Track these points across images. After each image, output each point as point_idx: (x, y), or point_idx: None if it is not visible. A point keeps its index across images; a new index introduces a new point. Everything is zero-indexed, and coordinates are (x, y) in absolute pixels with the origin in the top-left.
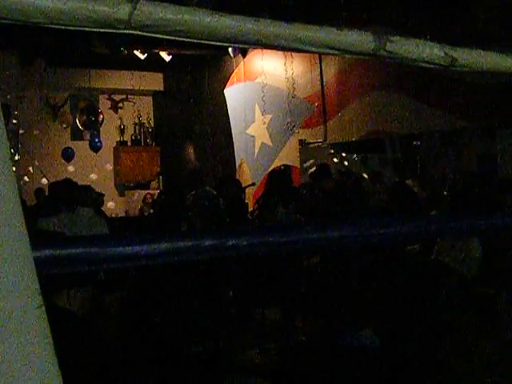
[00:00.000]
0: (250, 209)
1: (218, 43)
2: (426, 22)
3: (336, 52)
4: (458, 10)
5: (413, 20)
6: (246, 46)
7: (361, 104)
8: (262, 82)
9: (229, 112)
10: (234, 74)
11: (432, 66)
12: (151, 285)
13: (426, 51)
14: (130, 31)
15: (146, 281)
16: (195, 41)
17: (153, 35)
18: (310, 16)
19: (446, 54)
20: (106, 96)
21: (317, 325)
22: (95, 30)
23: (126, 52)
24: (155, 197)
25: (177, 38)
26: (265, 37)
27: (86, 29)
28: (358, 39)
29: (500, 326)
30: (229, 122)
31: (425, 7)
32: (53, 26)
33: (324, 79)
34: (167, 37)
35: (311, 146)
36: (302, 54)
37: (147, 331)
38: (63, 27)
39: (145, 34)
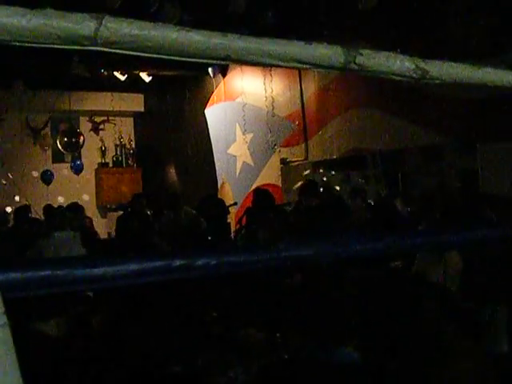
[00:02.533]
0: (233, 229)
1: (185, 59)
2: (400, 38)
3: (305, 66)
4: (432, 25)
5: (386, 35)
6: (214, 62)
7: (341, 121)
8: (242, 102)
9: (210, 132)
10: (214, 94)
11: (403, 79)
12: (130, 305)
13: (396, 64)
14: (96, 48)
15: (125, 300)
16: (162, 57)
17: (119, 51)
18: (285, 32)
19: (416, 66)
20: (87, 118)
21: (299, 342)
22: (60, 47)
23: (106, 73)
24: None
25: (143, 55)
26: (233, 52)
27: (51, 46)
28: (328, 53)
29: (483, 340)
30: (210, 142)
31: (400, 22)
32: (16, 44)
33: (304, 97)
34: (134, 53)
35: (292, 164)
36: (281, 72)
37: (125, 351)
38: (27, 44)
39: (111, 50)
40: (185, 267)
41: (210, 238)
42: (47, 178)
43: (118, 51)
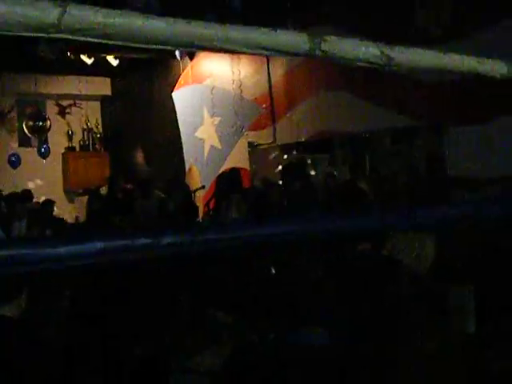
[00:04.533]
0: (201, 212)
1: (150, 46)
2: (366, 23)
3: (271, 53)
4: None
5: (352, 21)
6: (178, 49)
7: (309, 105)
8: (210, 85)
9: (177, 115)
10: (181, 77)
11: (368, 65)
12: (96, 286)
13: (361, 50)
14: (61, 35)
15: (90, 281)
16: (127, 44)
17: (83, 39)
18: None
19: (382, 52)
20: (54, 102)
21: (268, 324)
22: (25, 34)
23: (72, 57)
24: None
25: (108, 42)
26: (197, 39)
27: (16, 33)
28: (293, 39)
29: (451, 321)
30: (178, 126)
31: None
32: None
33: (272, 80)
34: (98, 40)
35: (260, 147)
36: (249, 56)
37: (91, 334)
38: None
39: (75, 37)
40: (150, 246)
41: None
42: (14, 161)
43: (82, 38)
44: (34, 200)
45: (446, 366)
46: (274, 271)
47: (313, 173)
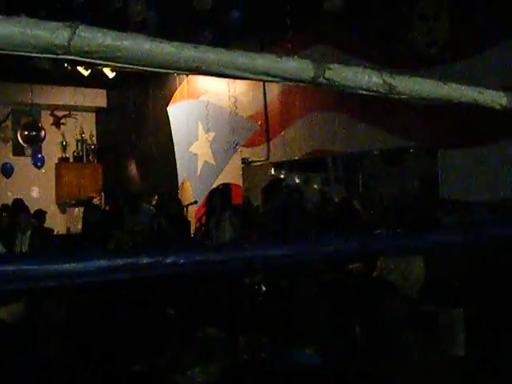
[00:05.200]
0: (193, 227)
1: (157, 70)
2: (363, 43)
3: (275, 79)
4: (398, 32)
5: (350, 41)
6: (185, 73)
7: (304, 123)
8: (206, 101)
9: (172, 130)
10: (177, 91)
11: (371, 93)
12: (90, 302)
13: (364, 79)
14: (69, 57)
15: (85, 298)
16: (134, 67)
17: (92, 61)
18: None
19: (384, 81)
20: (49, 112)
21: (259, 343)
22: (34, 55)
23: (69, 68)
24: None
25: (116, 65)
26: (204, 63)
27: (26, 54)
28: (298, 67)
29: (441, 343)
30: (172, 140)
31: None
32: None
33: (267, 98)
34: (106, 63)
35: (254, 164)
36: None
37: (81, 349)
38: (2, 51)
39: (84, 59)
40: (153, 265)
41: (170, 235)
42: (7, 170)
43: (90, 60)
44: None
45: None
46: (264, 289)
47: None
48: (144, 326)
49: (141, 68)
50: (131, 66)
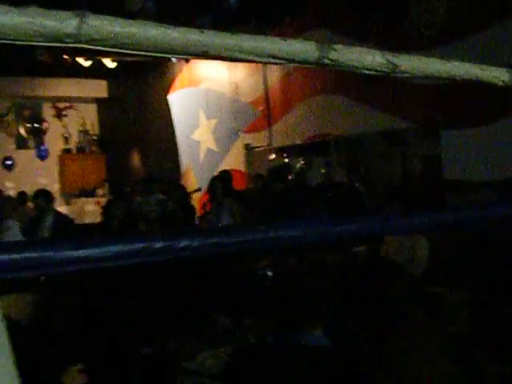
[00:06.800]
0: (198, 214)
1: (164, 55)
2: (361, 25)
3: (281, 61)
4: (396, 13)
5: (347, 23)
6: (192, 58)
7: (305, 107)
8: (206, 88)
9: (173, 118)
10: (177, 79)
11: (374, 73)
12: (101, 288)
13: (368, 59)
14: (78, 45)
15: (96, 283)
16: (142, 53)
17: (100, 48)
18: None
19: (387, 60)
20: (50, 104)
21: (266, 326)
22: (43, 44)
23: (69, 59)
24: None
25: (124, 51)
26: (210, 48)
27: (35, 43)
28: (302, 48)
29: (446, 324)
30: (173, 128)
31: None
32: (1, 42)
33: (268, 83)
34: (115, 49)
35: (256, 150)
36: None
37: (97, 333)
38: (11, 42)
39: (92, 47)
40: (166, 249)
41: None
42: (8, 164)
43: (99, 48)
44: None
45: (441, 366)
46: (270, 273)
47: (309, 174)
48: (154, 311)
49: (149, 54)
50: (139, 52)
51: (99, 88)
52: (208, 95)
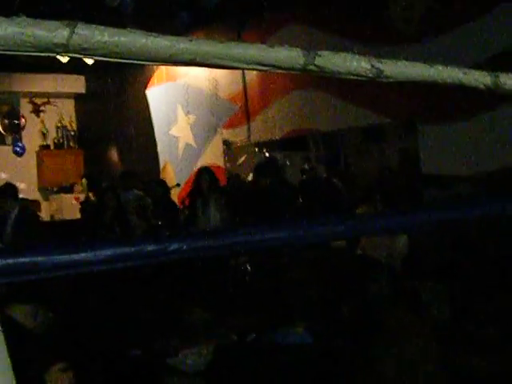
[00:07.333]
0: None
1: (153, 63)
2: (340, 21)
3: (267, 68)
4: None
5: (326, 19)
6: (180, 65)
7: (283, 103)
8: (185, 83)
9: (152, 113)
10: (155, 75)
11: (359, 78)
12: (85, 291)
13: (353, 65)
14: (68, 54)
15: (80, 287)
16: (132, 61)
17: (90, 57)
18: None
19: (372, 66)
20: (28, 100)
21: (249, 323)
22: (34, 53)
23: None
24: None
25: (113, 60)
26: (199, 56)
27: (25, 53)
28: (288, 55)
29: (424, 318)
30: (152, 124)
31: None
32: None
33: (246, 79)
34: (104, 58)
35: (235, 145)
36: None
37: (83, 336)
38: (2, 52)
39: (82, 56)
40: (157, 252)
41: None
42: None
43: (89, 57)
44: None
45: (426, 361)
46: (249, 269)
47: (287, 170)
48: (137, 312)
49: (139, 62)
50: (129, 61)
51: (77, 83)
52: (186, 91)
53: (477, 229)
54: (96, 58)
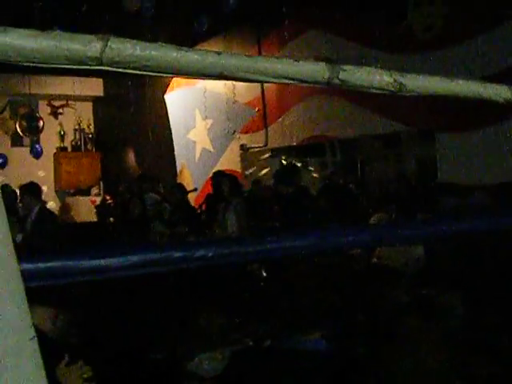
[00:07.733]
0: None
1: (182, 76)
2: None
3: (293, 82)
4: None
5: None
6: (209, 79)
7: (301, 109)
8: (203, 88)
9: (169, 118)
10: (174, 79)
11: (382, 92)
12: (106, 296)
13: (376, 78)
14: (101, 67)
15: (101, 292)
16: (162, 75)
17: (122, 70)
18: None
19: (395, 80)
20: (46, 102)
21: (264, 329)
22: (68, 66)
23: None
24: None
25: (145, 73)
26: (227, 69)
27: (60, 65)
28: (314, 69)
29: (439, 326)
30: (169, 128)
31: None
32: (28, 64)
33: (264, 84)
34: (136, 72)
35: (252, 150)
36: None
37: (107, 340)
38: (38, 64)
39: (114, 69)
40: (184, 258)
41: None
42: (1, 162)
43: (121, 70)
44: None
45: (441, 369)
46: (264, 274)
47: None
48: (154, 316)
49: (168, 75)
50: (159, 74)
51: (95, 86)
52: (204, 95)
53: (493, 238)
54: (128, 71)
